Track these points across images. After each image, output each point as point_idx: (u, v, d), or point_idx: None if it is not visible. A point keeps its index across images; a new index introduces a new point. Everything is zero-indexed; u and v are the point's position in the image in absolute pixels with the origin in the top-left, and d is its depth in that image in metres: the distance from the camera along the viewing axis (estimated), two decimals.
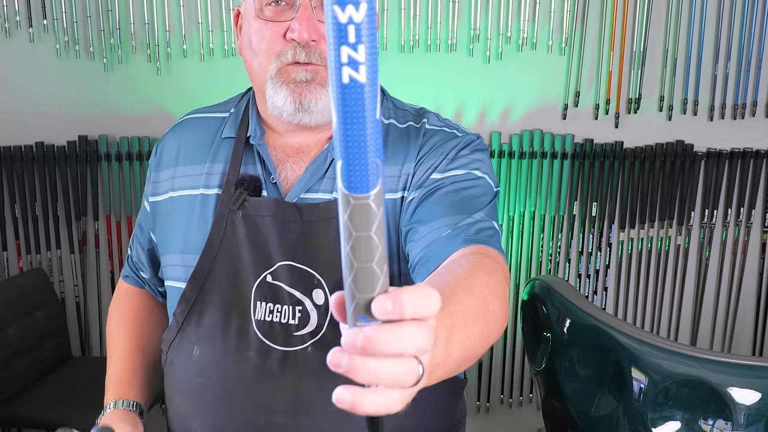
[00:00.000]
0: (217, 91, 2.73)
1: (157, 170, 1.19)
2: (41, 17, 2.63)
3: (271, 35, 1.03)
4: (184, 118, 1.23)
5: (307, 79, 1.02)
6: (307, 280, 1.06)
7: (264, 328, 1.06)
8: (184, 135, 1.19)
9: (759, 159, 2.88)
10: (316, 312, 1.06)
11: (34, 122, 2.72)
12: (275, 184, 1.09)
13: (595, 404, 1.48)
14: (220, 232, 1.08)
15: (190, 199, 1.12)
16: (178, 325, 1.11)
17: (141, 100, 2.73)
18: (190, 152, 1.16)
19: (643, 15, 2.74)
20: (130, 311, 1.31)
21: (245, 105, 1.17)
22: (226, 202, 1.08)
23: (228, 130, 1.15)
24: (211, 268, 1.08)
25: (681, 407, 1.45)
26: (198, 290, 1.09)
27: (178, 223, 1.13)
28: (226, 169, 1.11)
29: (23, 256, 2.81)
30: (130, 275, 1.32)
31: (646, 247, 2.94)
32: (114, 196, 2.78)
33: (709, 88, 2.81)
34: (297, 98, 1.02)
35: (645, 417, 1.42)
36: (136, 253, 1.28)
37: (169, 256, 1.14)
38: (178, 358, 1.12)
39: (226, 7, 2.65)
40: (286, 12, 1.02)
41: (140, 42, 2.67)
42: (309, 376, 1.06)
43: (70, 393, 2.50)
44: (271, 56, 1.03)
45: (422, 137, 1.11)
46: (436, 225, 0.99)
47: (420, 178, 1.07)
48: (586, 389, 1.54)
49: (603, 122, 2.83)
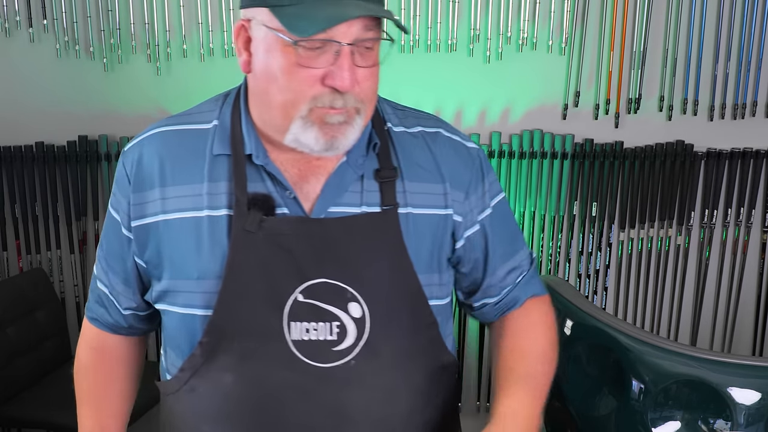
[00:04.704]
0: (216, 91, 2.72)
1: (138, 191, 1.09)
2: (41, 17, 2.63)
3: (308, 78, 0.97)
4: (155, 132, 1.12)
5: (339, 121, 1.00)
6: (340, 294, 1.05)
7: (302, 348, 1.05)
8: (162, 151, 1.09)
9: (759, 159, 2.88)
10: (354, 324, 1.06)
11: (34, 122, 2.72)
12: (295, 199, 1.07)
13: (595, 404, 1.48)
14: (241, 255, 1.04)
15: (193, 221, 1.06)
16: (205, 353, 1.07)
17: (141, 100, 2.73)
18: (178, 170, 1.08)
19: (643, 15, 2.74)
20: (106, 371, 1.25)
21: (230, 117, 1.10)
22: (240, 224, 1.04)
23: (218, 146, 1.08)
24: (238, 293, 1.05)
25: (681, 407, 1.45)
26: (227, 317, 1.05)
27: (184, 248, 1.07)
28: (229, 188, 1.06)
29: (23, 256, 2.81)
30: (98, 315, 1.21)
31: (646, 247, 2.94)
32: None
33: (709, 88, 2.81)
34: (329, 140, 1.00)
35: (645, 417, 1.42)
36: (110, 286, 1.18)
37: (177, 282, 1.08)
38: (205, 386, 1.09)
39: (226, 7, 2.65)
40: (323, 57, 0.97)
41: (140, 42, 2.67)
42: (352, 389, 1.07)
43: (70, 393, 2.47)
44: (304, 98, 0.98)
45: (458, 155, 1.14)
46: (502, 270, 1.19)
47: (470, 210, 1.14)
48: (586, 389, 1.54)
49: (603, 122, 2.83)
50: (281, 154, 1.07)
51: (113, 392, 1.26)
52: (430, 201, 1.10)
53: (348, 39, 0.96)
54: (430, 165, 1.12)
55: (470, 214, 1.14)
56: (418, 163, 1.11)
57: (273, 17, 0.97)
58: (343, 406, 1.07)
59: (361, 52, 0.98)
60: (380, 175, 1.09)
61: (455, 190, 1.12)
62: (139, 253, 1.11)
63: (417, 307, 1.10)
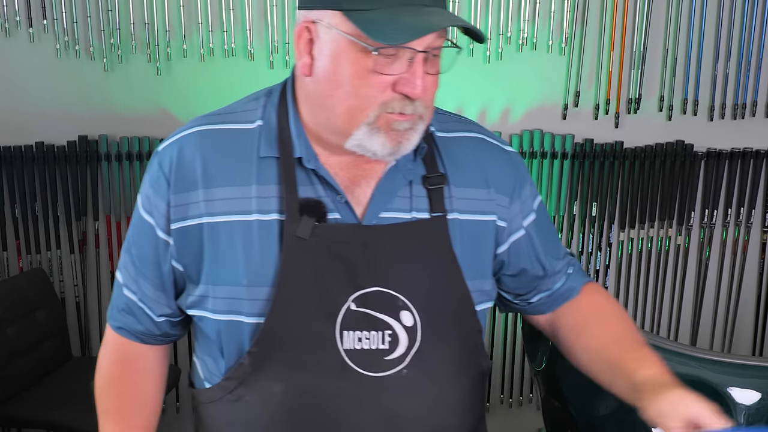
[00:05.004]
0: (216, 91, 2.73)
1: (179, 192, 1.05)
2: (41, 17, 2.63)
3: (380, 85, 0.96)
4: (194, 130, 1.08)
5: (406, 128, 0.99)
6: (393, 303, 1.04)
7: (355, 357, 1.04)
8: (206, 151, 1.05)
9: (759, 159, 2.88)
10: (406, 333, 1.05)
11: (34, 122, 2.71)
12: (346, 203, 1.05)
13: (595, 404, 1.48)
14: (294, 262, 1.02)
15: (242, 225, 1.03)
16: (253, 362, 1.05)
17: (141, 100, 2.73)
18: (223, 172, 1.04)
19: (643, 15, 2.74)
20: (132, 382, 1.20)
21: (276, 117, 1.07)
22: (292, 230, 1.02)
23: (266, 148, 1.05)
24: (290, 301, 1.03)
25: None
26: (279, 326, 1.03)
27: (232, 252, 1.03)
28: (278, 191, 1.04)
29: (23, 256, 2.81)
30: (125, 324, 1.15)
31: (646, 247, 2.94)
32: (114, 196, 2.78)
33: (709, 88, 2.81)
34: (396, 146, 1.00)
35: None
36: (140, 292, 1.13)
37: (221, 288, 1.05)
38: (252, 395, 1.07)
39: (226, 7, 2.65)
40: (397, 63, 0.96)
41: (140, 42, 2.67)
42: (404, 397, 1.06)
43: (70, 393, 2.50)
44: (373, 104, 0.97)
45: (501, 160, 1.15)
46: (553, 265, 1.21)
47: (514, 216, 1.15)
48: (586, 389, 1.54)
49: (603, 122, 2.83)
50: (331, 157, 1.06)
51: (139, 404, 1.21)
52: (475, 206, 1.11)
53: (423, 47, 0.95)
54: (474, 170, 1.12)
55: (515, 219, 1.15)
56: (462, 168, 1.11)
57: (347, 21, 0.95)
58: (395, 415, 1.06)
59: (430, 60, 0.98)
60: (429, 181, 1.08)
61: (499, 195, 1.13)
62: (177, 257, 1.07)
63: (465, 315, 1.10)
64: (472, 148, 1.14)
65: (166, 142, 1.10)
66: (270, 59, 2.67)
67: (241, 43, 2.68)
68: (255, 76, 2.68)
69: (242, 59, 2.68)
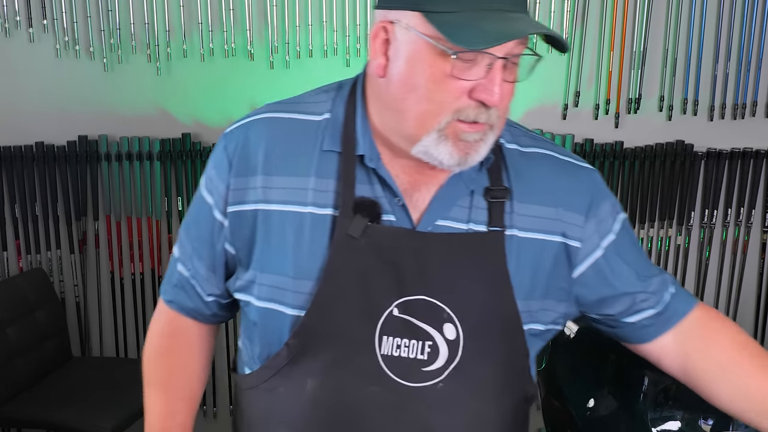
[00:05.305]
0: (216, 91, 2.73)
1: (240, 175, 1.05)
2: (41, 17, 2.63)
3: (456, 90, 0.93)
4: (265, 117, 1.08)
5: (475, 139, 0.96)
6: (437, 314, 1.02)
7: (391, 364, 1.02)
8: (270, 138, 1.05)
9: (759, 159, 2.88)
10: (447, 346, 1.02)
11: (33, 122, 2.72)
12: (403, 206, 1.03)
13: (595, 404, 1.48)
14: (342, 260, 1.01)
15: (296, 216, 1.03)
16: (290, 354, 1.04)
17: (141, 100, 2.73)
18: (284, 161, 1.04)
19: (643, 15, 2.74)
20: (180, 355, 1.22)
21: (344, 112, 1.06)
22: (344, 227, 1.01)
23: (329, 142, 1.04)
24: (335, 300, 1.02)
25: (681, 407, 1.45)
26: (320, 322, 1.02)
27: (282, 242, 1.03)
28: (336, 186, 1.02)
29: (23, 256, 2.81)
30: (177, 299, 1.18)
31: (646, 246, 2.94)
32: (114, 196, 2.78)
33: (709, 88, 2.81)
34: (463, 157, 0.97)
35: (645, 417, 1.42)
36: (193, 270, 1.14)
37: (268, 276, 1.05)
38: (286, 387, 1.06)
39: (226, 7, 2.65)
40: (475, 69, 0.92)
41: (140, 42, 2.67)
42: (437, 412, 1.04)
43: (70, 393, 2.50)
44: (447, 110, 0.94)
45: (573, 177, 1.10)
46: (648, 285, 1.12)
47: (590, 235, 1.08)
48: (586, 389, 1.54)
49: (603, 122, 2.83)
50: (394, 158, 1.03)
51: (186, 376, 1.23)
52: (538, 225, 1.06)
53: (502, 53, 0.92)
54: (541, 187, 1.07)
55: (591, 238, 1.09)
56: (528, 184, 1.07)
57: (427, 23, 0.92)
58: (427, 427, 1.04)
59: (508, 67, 0.95)
60: (491, 194, 1.05)
61: (571, 214, 1.07)
62: (231, 240, 1.08)
63: (512, 334, 1.06)
64: (541, 165, 1.09)
65: (234, 125, 1.10)
66: (270, 59, 2.67)
67: (241, 43, 2.68)
68: (255, 76, 2.68)
69: (242, 59, 2.68)
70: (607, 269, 1.10)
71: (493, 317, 1.04)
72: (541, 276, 1.06)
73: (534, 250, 1.06)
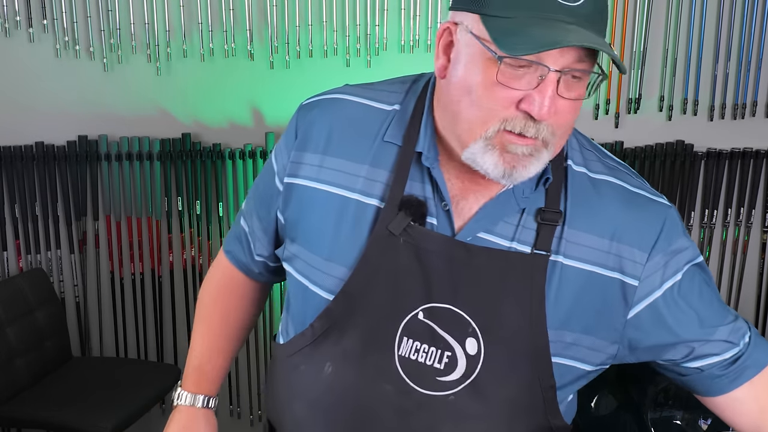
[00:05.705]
0: (216, 91, 2.73)
1: (300, 149, 1.07)
2: (41, 17, 2.63)
3: (504, 99, 0.90)
4: (338, 97, 1.09)
5: (524, 153, 0.92)
6: (462, 326, 1.00)
7: (407, 366, 1.01)
8: (337, 119, 1.06)
9: (759, 159, 2.88)
10: (466, 360, 1.00)
11: (33, 122, 2.71)
12: (448, 212, 1.01)
13: (595, 404, 1.48)
14: (377, 254, 1.00)
15: (341, 200, 1.03)
16: (314, 335, 1.05)
17: (141, 100, 2.72)
18: (344, 144, 1.04)
19: (643, 15, 2.74)
20: (228, 301, 1.27)
21: (413, 107, 1.04)
22: (386, 222, 1.00)
23: (392, 133, 1.03)
24: (363, 291, 1.01)
25: (681, 407, 1.45)
26: (345, 309, 1.02)
27: (323, 223, 1.04)
28: (388, 179, 1.02)
29: (23, 256, 2.81)
30: (234, 250, 1.23)
31: None
32: (114, 196, 2.78)
33: (709, 88, 2.81)
34: (509, 169, 0.93)
35: (645, 417, 1.42)
36: (250, 227, 1.18)
37: (307, 253, 1.06)
38: (307, 366, 1.08)
39: (226, 7, 2.65)
40: (526, 78, 0.88)
41: (140, 42, 2.67)
42: (443, 424, 1.03)
43: (70, 393, 2.50)
44: (495, 119, 0.91)
45: (642, 211, 1.03)
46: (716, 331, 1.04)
47: (651, 274, 1.01)
48: (586, 389, 1.54)
49: (603, 122, 2.83)
50: (450, 161, 1.01)
51: (232, 320, 1.28)
52: (589, 255, 1.00)
53: (558, 65, 0.88)
54: (600, 217, 1.01)
55: (652, 277, 1.01)
56: (587, 211, 1.01)
57: (482, 26, 0.90)
58: None
59: (567, 82, 0.90)
60: (543, 215, 1.00)
61: (631, 249, 1.01)
62: (282, 209, 1.10)
63: (537, 363, 1.01)
64: (607, 195, 1.03)
65: (311, 98, 1.12)
66: (270, 59, 2.67)
67: (241, 43, 2.67)
68: (255, 76, 2.68)
69: (242, 59, 2.68)
70: (665, 311, 1.02)
71: (519, 341, 1.01)
72: (583, 310, 1.01)
73: (579, 282, 1.01)
